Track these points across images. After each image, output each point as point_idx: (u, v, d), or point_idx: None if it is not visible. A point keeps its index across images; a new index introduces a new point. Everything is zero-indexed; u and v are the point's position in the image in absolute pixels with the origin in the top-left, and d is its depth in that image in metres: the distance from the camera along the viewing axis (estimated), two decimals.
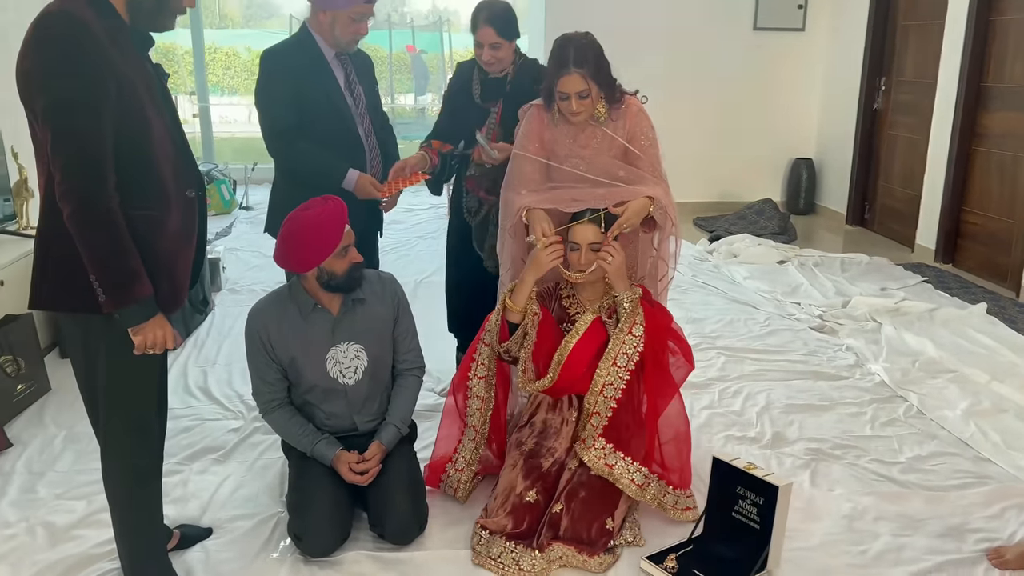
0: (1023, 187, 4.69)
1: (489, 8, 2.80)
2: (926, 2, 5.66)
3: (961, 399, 3.23)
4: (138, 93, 1.76)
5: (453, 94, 3.04)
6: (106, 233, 1.70)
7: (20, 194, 3.76)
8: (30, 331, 3.21)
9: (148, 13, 1.78)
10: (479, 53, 2.84)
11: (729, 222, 6.36)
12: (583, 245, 2.36)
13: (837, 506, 2.51)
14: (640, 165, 2.56)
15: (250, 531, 2.36)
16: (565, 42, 2.45)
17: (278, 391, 2.36)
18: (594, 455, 2.33)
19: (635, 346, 2.35)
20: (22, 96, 1.71)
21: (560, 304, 2.53)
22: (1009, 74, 4.86)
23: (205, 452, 2.81)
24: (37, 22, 1.69)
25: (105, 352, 1.85)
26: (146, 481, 1.99)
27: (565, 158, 2.55)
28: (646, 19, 6.59)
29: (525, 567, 2.16)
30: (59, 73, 1.65)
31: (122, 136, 1.73)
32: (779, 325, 4.12)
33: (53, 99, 1.66)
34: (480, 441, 2.52)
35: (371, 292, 2.39)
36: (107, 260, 1.71)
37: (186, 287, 1.96)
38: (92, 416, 1.96)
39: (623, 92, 2.55)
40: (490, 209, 2.91)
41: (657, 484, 2.40)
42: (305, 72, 2.68)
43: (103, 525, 2.33)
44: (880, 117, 6.28)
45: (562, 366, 2.37)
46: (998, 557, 2.24)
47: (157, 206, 1.82)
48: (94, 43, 1.67)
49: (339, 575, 2.17)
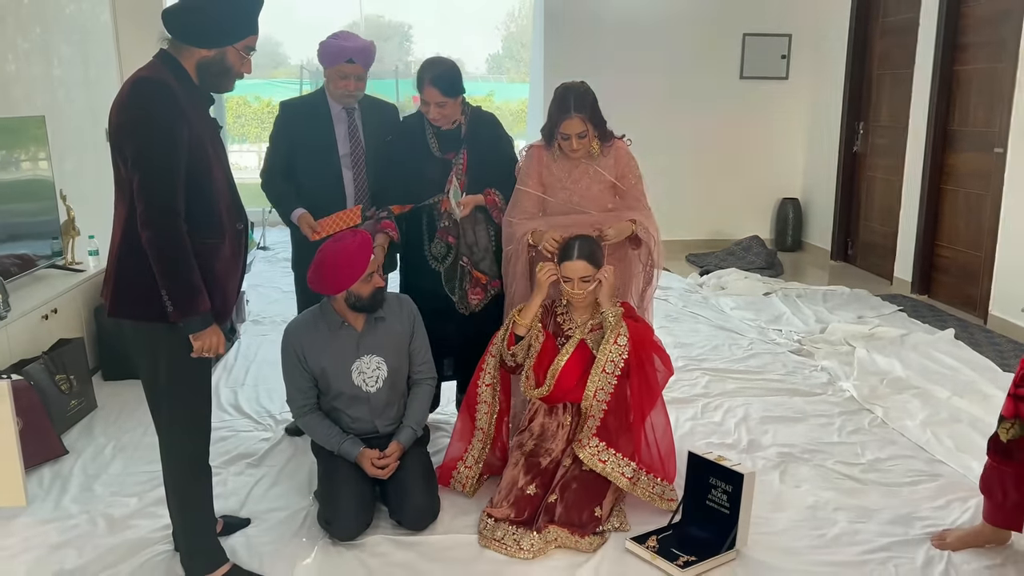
0: (988, 222, 5.06)
1: (432, 68, 2.93)
2: (897, 53, 6.10)
3: (921, 411, 3.56)
4: (203, 142, 2.14)
5: (403, 152, 3.07)
6: (177, 256, 2.06)
7: (68, 232, 4.14)
8: (81, 353, 3.58)
9: (213, 77, 2.17)
10: (426, 110, 2.97)
11: (719, 258, 6.73)
12: (575, 279, 2.72)
13: (802, 499, 2.84)
14: (627, 199, 2.96)
15: (284, 521, 2.70)
16: (566, 91, 2.88)
17: (309, 398, 2.71)
18: (589, 452, 2.66)
19: (620, 354, 2.70)
20: (114, 143, 2.09)
21: (555, 320, 2.89)
22: (972, 118, 5.27)
23: (240, 458, 3.15)
24: (132, 85, 2.07)
25: (167, 355, 2.19)
26: (202, 469, 2.32)
27: (560, 190, 2.97)
28: (641, 69, 7.04)
29: (525, 546, 2.49)
30: (147, 129, 2.03)
31: (191, 177, 2.09)
32: (761, 349, 4.46)
33: (141, 149, 2.03)
34: (487, 441, 2.86)
35: (390, 311, 2.76)
36: (176, 278, 2.07)
37: (233, 303, 2.33)
38: (155, 415, 2.30)
39: (612, 135, 2.96)
40: (457, 252, 3.05)
41: (646, 477, 2.72)
42: (304, 122, 3.17)
43: (155, 516, 2.69)
44: (859, 159, 6.69)
45: (556, 378, 2.72)
46: (940, 540, 2.55)
47: (215, 235, 2.18)
48: (175, 103, 2.05)
49: (363, 554, 2.50)
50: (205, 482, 2.36)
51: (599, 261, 2.73)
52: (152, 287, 2.09)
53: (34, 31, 4.41)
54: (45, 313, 3.57)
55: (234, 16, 2.12)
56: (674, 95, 7.16)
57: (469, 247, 3.06)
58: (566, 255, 2.72)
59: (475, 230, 3.07)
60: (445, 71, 2.94)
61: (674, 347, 4.33)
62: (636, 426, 2.75)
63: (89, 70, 5.06)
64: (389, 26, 21.75)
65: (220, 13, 2.10)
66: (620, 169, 2.98)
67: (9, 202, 3.78)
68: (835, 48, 6.77)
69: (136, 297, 2.14)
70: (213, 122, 2.27)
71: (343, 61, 3.05)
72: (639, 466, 2.71)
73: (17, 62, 4.22)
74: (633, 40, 7.06)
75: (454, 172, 3.02)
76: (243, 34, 2.15)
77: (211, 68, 2.15)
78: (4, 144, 3.76)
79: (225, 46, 2.13)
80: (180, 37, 2.12)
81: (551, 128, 2.92)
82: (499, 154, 3.14)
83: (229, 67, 2.16)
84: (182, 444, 2.29)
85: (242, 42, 2.15)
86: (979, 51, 5.21)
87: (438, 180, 3.02)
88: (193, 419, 2.28)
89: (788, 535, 2.61)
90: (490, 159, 3.08)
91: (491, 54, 23.02)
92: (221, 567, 2.36)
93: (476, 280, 3.08)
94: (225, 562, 2.37)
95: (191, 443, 2.30)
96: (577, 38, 7.01)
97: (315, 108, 3.19)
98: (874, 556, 2.49)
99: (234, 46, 2.14)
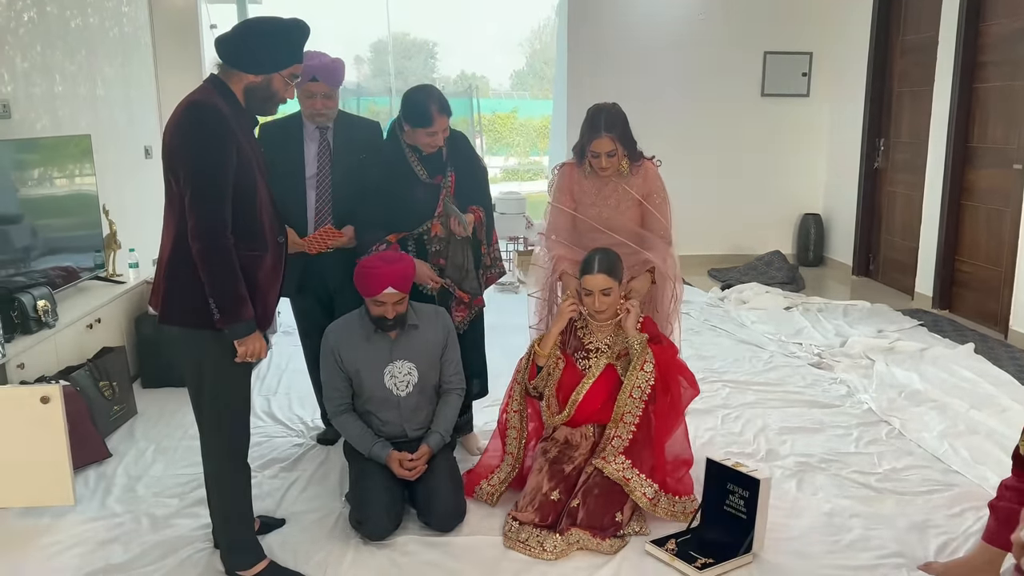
0: (1008, 238, 5.10)
1: (435, 97, 2.96)
2: (917, 70, 6.17)
3: (939, 423, 3.61)
4: (250, 161, 2.28)
5: (387, 180, 3.04)
6: (224, 267, 2.20)
7: (110, 246, 4.32)
8: (123, 361, 3.73)
9: (260, 101, 2.32)
10: (430, 140, 2.98)
11: (741, 272, 6.81)
12: (595, 291, 2.83)
13: (818, 506, 2.91)
14: (653, 225, 3.13)
15: (317, 521, 2.82)
16: (597, 111, 3.03)
17: (344, 398, 2.85)
18: (614, 468, 2.75)
19: (647, 380, 2.79)
20: (167, 162, 2.24)
21: (575, 336, 2.99)
22: (991, 135, 5.33)
23: (274, 462, 3.28)
24: (186, 109, 2.22)
25: (212, 360, 2.33)
26: (242, 465, 2.45)
27: (590, 206, 3.13)
28: (664, 86, 7.18)
29: (548, 548, 2.58)
30: (200, 150, 2.18)
31: (237, 193, 2.24)
32: (781, 362, 4.53)
33: (193, 168, 2.17)
34: (515, 465, 2.97)
35: (426, 321, 2.88)
36: (224, 287, 2.21)
37: (274, 311, 2.47)
38: (198, 414, 2.43)
39: (642, 155, 3.09)
40: (443, 274, 3.10)
41: (666, 499, 2.81)
42: (275, 140, 3.11)
43: (196, 516, 2.82)
44: (880, 175, 6.75)
45: (578, 405, 2.84)
46: (927, 567, 2.51)
47: (259, 248, 2.32)
48: (225, 126, 2.20)
49: (393, 553, 2.61)
50: (245, 478, 2.49)
51: (619, 275, 2.84)
52: (200, 297, 2.23)
53: (80, 54, 4.62)
54: (90, 323, 3.74)
55: (281, 46, 2.27)
56: (697, 112, 7.28)
57: (456, 268, 3.14)
58: (587, 268, 2.83)
59: (463, 251, 3.14)
60: (441, 95, 2.98)
61: (696, 359, 4.41)
62: (658, 445, 2.83)
63: (130, 90, 5.28)
64: (414, 44, 22.07)
65: (269, 43, 2.25)
66: (647, 188, 3.12)
67: (56, 216, 3.96)
68: (855, 66, 6.84)
69: (185, 306, 2.27)
70: (258, 143, 2.41)
71: (308, 80, 3.03)
72: (660, 488, 2.78)
73: (64, 83, 4.42)
74: (655, 58, 7.19)
75: (444, 194, 3.07)
76: (289, 63, 2.29)
77: (258, 93, 2.30)
78: (52, 162, 3.95)
79: (272, 73, 2.28)
80: (231, 63, 2.26)
81: (582, 146, 3.05)
82: (478, 170, 3.25)
83: (274, 92, 2.31)
84: (223, 441, 2.41)
85: (288, 70, 2.30)
86: (997, 69, 5.27)
87: (429, 204, 3.07)
88: (234, 418, 2.42)
89: (804, 540, 2.69)
90: (471, 176, 3.19)
91: (515, 71, 23.26)
92: (260, 563, 2.48)
93: (459, 300, 3.16)
94: (263, 559, 2.50)
95: (232, 440, 2.43)
96: (600, 55, 7.15)
97: (288, 128, 3.17)
98: (887, 561, 2.56)
99: (280, 73, 2.29)
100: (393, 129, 3.12)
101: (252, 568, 2.47)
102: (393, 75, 17.48)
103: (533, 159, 16.78)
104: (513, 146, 17.87)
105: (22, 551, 2.65)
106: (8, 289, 3.40)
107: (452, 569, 2.54)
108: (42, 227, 3.78)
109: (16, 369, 3.19)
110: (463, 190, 3.15)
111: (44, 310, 3.42)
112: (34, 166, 3.79)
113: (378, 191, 3.05)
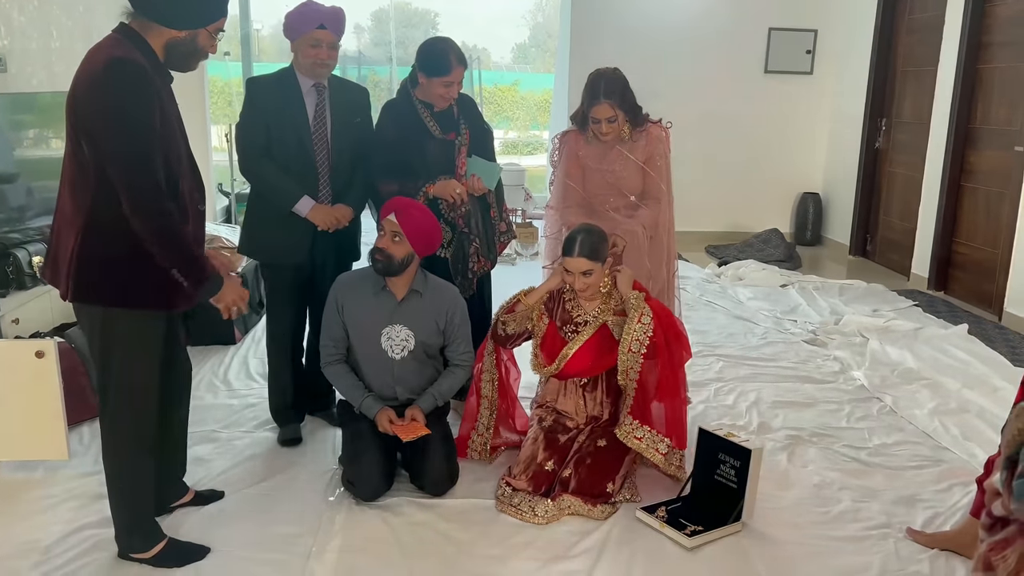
0: (1006, 220, 5.10)
1: (452, 48, 2.93)
2: (921, 50, 6.13)
3: (930, 401, 3.63)
4: (171, 121, 2.11)
5: (401, 135, 3.02)
6: (175, 234, 2.07)
7: None
8: None
9: (181, 57, 2.15)
10: (445, 92, 2.96)
11: (738, 250, 6.81)
12: (576, 273, 2.80)
13: (808, 478, 2.93)
14: (648, 185, 3.11)
15: (309, 480, 2.83)
16: (597, 77, 3.01)
17: (340, 348, 2.86)
18: (625, 431, 2.76)
19: (645, 332, 2.76)
20: (81, 124, 2.00)
21: (564, 308, 2.97)
22: (994, 117, 5.31)
23: (269, 422, 3.28)
24: (108, 67, 1.98)
25: (122, 336, 2.16)
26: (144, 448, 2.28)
27: (595, 172, 3.14)
28: (666, 62, 7.12)
29: (540, 512, 2.60)
30: (128, 115, 1.98)
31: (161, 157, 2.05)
32: (775, 338, 4.54)
33: (123, 137, 1.98)
34: (492, 408, 2.99)
35: (432, 292, 2.86)
36: (182, 253, 2.09)
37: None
38: (103, 396, 2.24)
39: (648, 120, 3.07)
40: (461, 236, 3.11)
41: (676, 453, 2.81)
42: (276, 100, 2.91)
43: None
44: (881, 155, 6.73)
45: (567, 360, 2.85)
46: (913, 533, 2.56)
47: (182, 216, 2.14)
48: (152, 87, 2.02)
49: (385, 513, 2.62)
50: (147, 461, 2.31)
51: (602, 255, 2.79)
52: (119, 272, 2.08)
53: (77, 9, 4.57)
54: None
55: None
56: (698, 88, 7.23)
57: (479, 228, 3.14)
58: (567, 250, 2.79)
59: (479, 211, 3.15)
60: (458, 46, 2.93)
61: (691, 334, 4.39)
62: (669, 401, 2.83)
63: None
64: (416, 13, 21.84)
65: None
66: (649, 151, 3.09)
67: (49, 178, 3.92)
68: (860, 44, 6.80)
69: (102, 282, 2.10)
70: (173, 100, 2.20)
71: (314, 27, 2.85)
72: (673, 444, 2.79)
73: (61, 39, 4.37)
74: (658, 32, 7.14)
75: (463, 151, 3.06)
76: (216, 16, 2.15)
77: (180, 48, 2.13)
78: (48, 119, 3.91)
79: (198, 28, 2.12)
80: (152, 16, 2.07)
81: (583, 113, 3.03)
82: (485, 128, 3.23)
83: (199, 48, 2.15)
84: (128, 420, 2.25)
85: (214, 24, 2.15)
86: (1002, 50, 5.24)
87: (441, 161, 3.04)
88: (142, 396, 2.25)
89: (793, 511, 2.71)
90: (481, 134, 3.18)
91: (517, 43, 23.05)
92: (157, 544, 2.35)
93: (477, 250, 3.16)
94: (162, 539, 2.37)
95: (138, 420, 2.26)
96: (603, 29, 7.10)
97: (285, 84, 2.95)
98: (874, 532, 2.58)
99: (206, 28, 2.13)
100: (404, 86, 3.09)
101: (150, 551, 2.34)
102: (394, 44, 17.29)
103: (533, 133, 16.70)
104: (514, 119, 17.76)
105: (15, 504, 2.66)
106: (3, 244, 3.38)
107: (443, 531, 2.55)
108: (38, 187, 3.75)
109: (11, 324, 3.18)
110: (476, 150, 3.14)
111: (39, 266, 3.41)
112: (30, 126, 3.76)
113: (392, 146, 2.99)
